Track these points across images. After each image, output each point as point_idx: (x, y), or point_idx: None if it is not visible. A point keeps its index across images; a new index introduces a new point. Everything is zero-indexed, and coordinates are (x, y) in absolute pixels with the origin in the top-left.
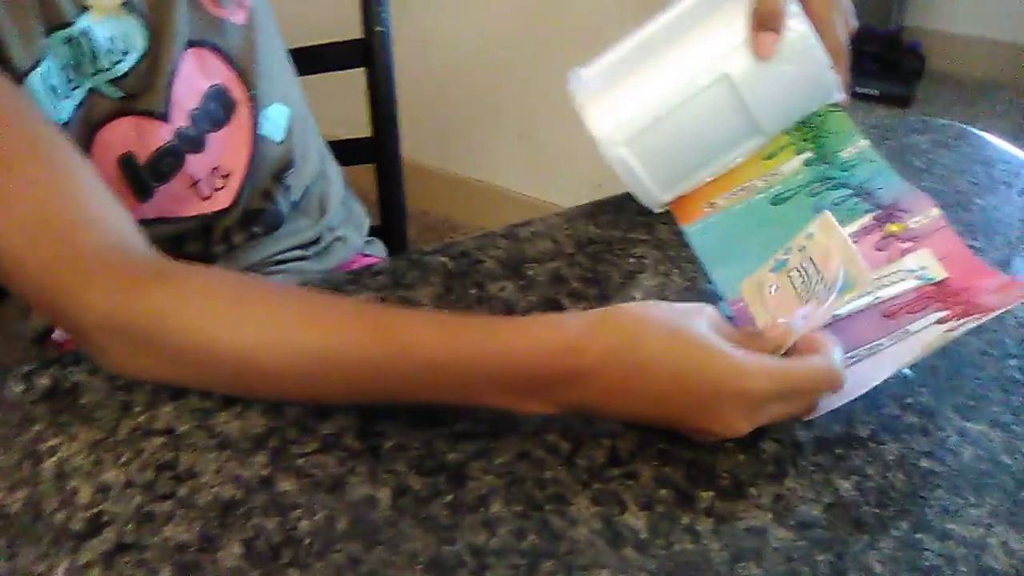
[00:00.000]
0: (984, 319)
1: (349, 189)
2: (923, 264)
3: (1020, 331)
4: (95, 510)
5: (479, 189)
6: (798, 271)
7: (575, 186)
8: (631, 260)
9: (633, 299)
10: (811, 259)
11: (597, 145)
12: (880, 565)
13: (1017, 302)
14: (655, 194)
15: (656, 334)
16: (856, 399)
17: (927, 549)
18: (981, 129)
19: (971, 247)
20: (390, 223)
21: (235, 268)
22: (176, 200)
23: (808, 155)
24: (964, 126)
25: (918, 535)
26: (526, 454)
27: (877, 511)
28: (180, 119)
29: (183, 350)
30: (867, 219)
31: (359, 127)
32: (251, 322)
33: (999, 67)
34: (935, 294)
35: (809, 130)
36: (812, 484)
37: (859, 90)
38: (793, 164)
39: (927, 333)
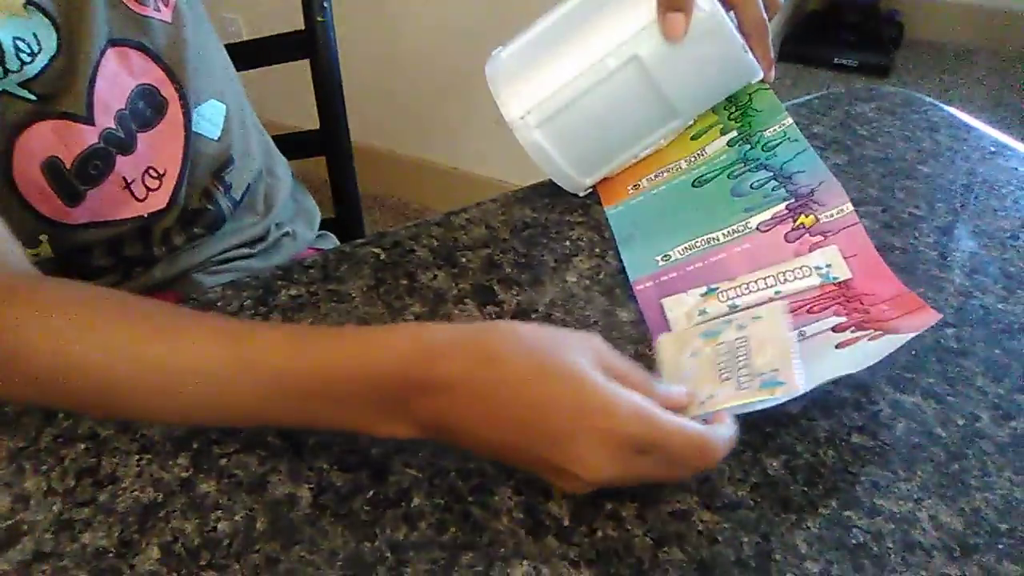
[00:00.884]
0: (882, 351)
1: (299, 183)
2: (829, 261)
3: (958, 299)
4: (13, 520)
5: (458, 177)
6: (728, 347)
7: None
8: (567, 243)
9: (566, 283)
10: (746, 340)
11: (512, 129)
12: (807, 545)
13: (916, 331)
14: (574, 177)
15: (520, 355)
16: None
17: (855, 526)
18: (961, 96)
19: (913, 215)
20: (345, 215)
21: (179, 269)
22: (109, 202)
23: (733, 135)
24: (911, 92)
25: (846, 512)
26: (445, 448)
27: (805, 489)
28: (106, 120)
29: (36, 367)
30: (782, 207)
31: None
32: (101, 335)
33: (977, 33)
34: (837, 295)
35: (736, 109)
36: (740, 464)
37: (837, 61)
38: (718, 144)
39: (819, 341)
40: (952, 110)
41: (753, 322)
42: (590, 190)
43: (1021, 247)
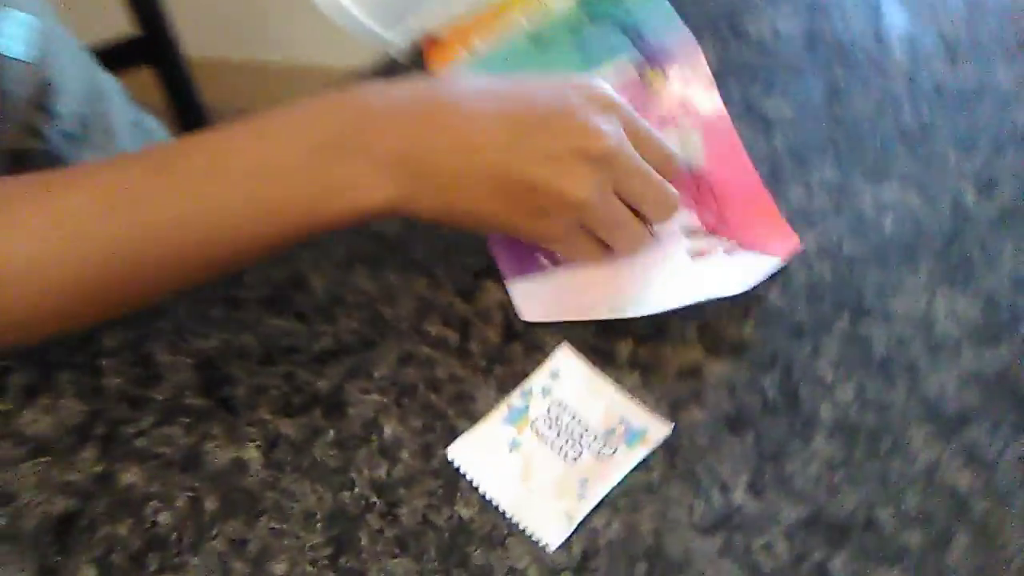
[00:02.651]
0: (743, 279)
1: (135, 104)
2: (685, 141)
3: (904, 77)
4: None
5: (280, 70)
6: (544, 420)
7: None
8: None
9: None
10: (561, 405)
11: None
12: (832, 370)
13: (778, 256)
14: (380, 33)
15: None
16: None
17: (875, 338)
18: None
19: None
20: (190, 128)
21: None
22: None
23: None
24: None
25: (861, 326)
26: (408, 356)
27: (813, 311)
28: None
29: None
30: (630, 66)
31: (118, 27)
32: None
33: None
34: (690, 186)
35: None
36: (733, 303)
37: None
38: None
39: (672, 249)
40: None
41: (554, 380)
42: (416, 53)
43: (951, 8)
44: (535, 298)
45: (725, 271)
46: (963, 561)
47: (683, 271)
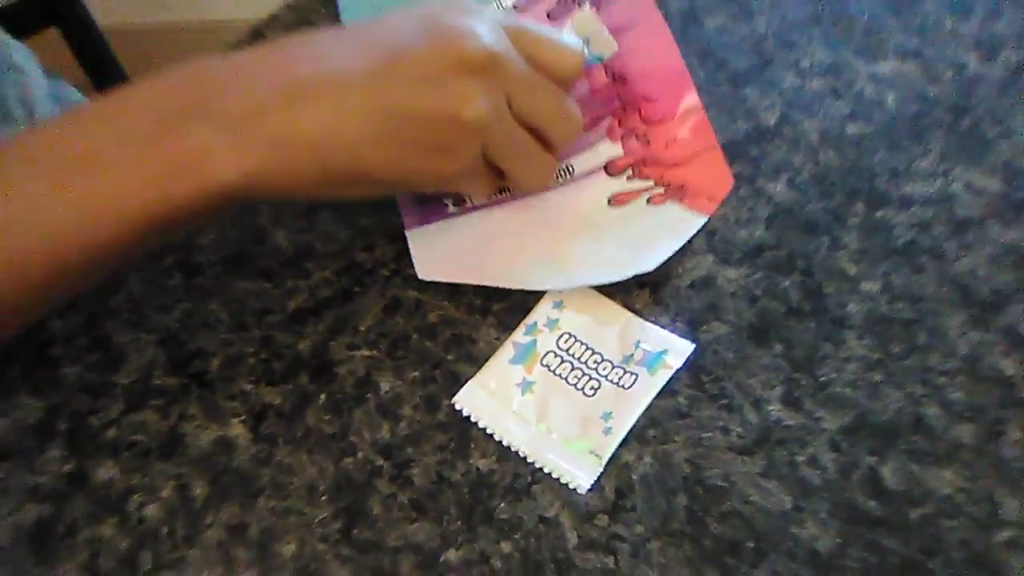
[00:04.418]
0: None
1: (52, 74)
2: (586, 30)
3: None
4: None
5: (194, 28)
6: (557, 356)
7: None
8: None
9: None
10: (571, 335)
11: None
12: (854, 264)
13: (705, 210)
14: None
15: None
16: None
17: (895, 225)
18: None
19: None
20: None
21: None
22: None
23: None
24: None
25: (879, 213)
26: (395, 303)
27: (825, 205)
28: None
29: None
30: None
31: None
32: None
33: None
34: (608, 95)
35: None
36: (740, 201)
37: None
38: None
39: (589, 193)
40: None
41: (559, 312)
42: None
43: None
44: (433, 252)
45: (642, 234)
46: (1021, 451)
47: (594, 232)
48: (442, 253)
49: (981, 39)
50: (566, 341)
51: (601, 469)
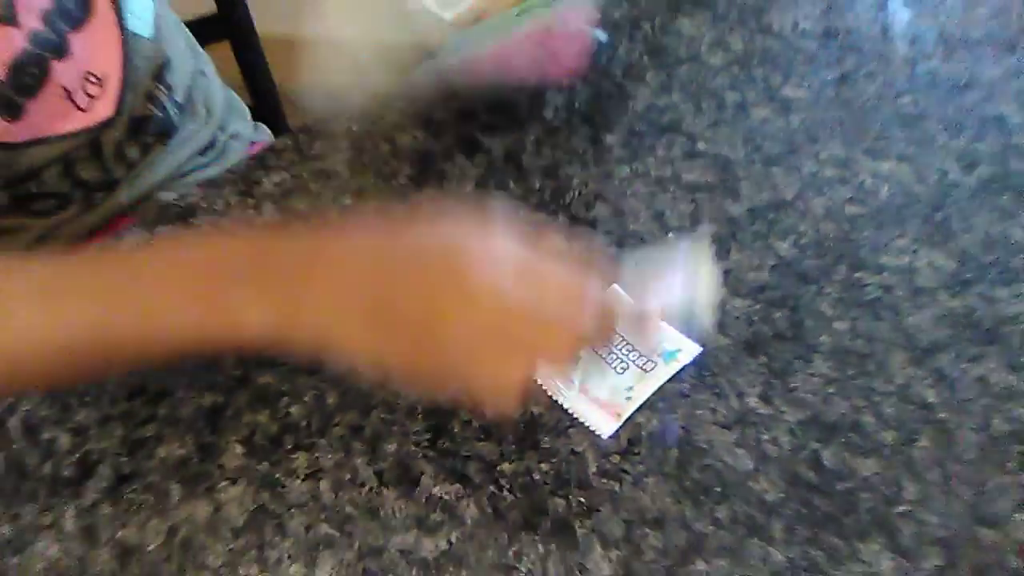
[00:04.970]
0: None
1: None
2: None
3: (906, 68)
4: (80, 453)
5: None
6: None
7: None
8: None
9: (544, 118)
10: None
11: None
12: (831, 309)
13: None
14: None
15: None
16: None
17: (867, 284)
18: None
19: None
20: (262, 103)
21: (140, 191)
22: (52, 116)
23: None
24: None
25: (857, 274)
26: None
27: (817, 262)
28: (31, 20)
29: None
30: None
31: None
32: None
33: None
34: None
35: None
36: (754, 252)
37: None
38: None
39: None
40: None
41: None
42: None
43: (951, 10)
44: None
45: None
46: (925, 455)
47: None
48: None
49: (964, 154)
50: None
51: (619, 424)
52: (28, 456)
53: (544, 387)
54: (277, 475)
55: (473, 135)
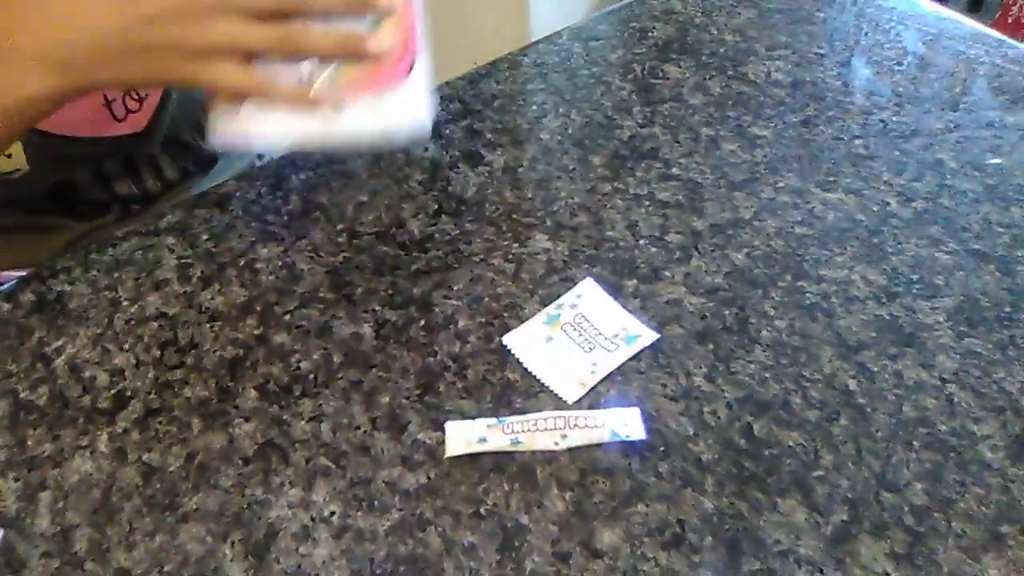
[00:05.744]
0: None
1: None
2: None
3: (861, 117)
4: (116, 389)
5: None
6: (572, 326)
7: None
8: (533, 107)
9: (541, 140)
10: (583, 315)
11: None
12: (773, 310)
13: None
14: None
15: None
16: None
17: (807, 292)
18: None
19: (816, 54)
20: None
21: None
22: (87, 117)
23: None
24: None
25: (799, 283)
26: (478, 278)
27: (766, 271)
28: None
29: None
30: None
31: None
32: None
33: None
34: None
35: None
36: (712, 260)
37: None
38: None
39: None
40: None
41: (579, 300)
42: None
43: (905, 71)
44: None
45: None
46: (844, 432)
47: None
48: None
49: (904, 191)
50: (579, 318)
51: (583, 393)
52: (70, 390)
53: (522, 360)
54: (285, 416)
55: (478, 150)
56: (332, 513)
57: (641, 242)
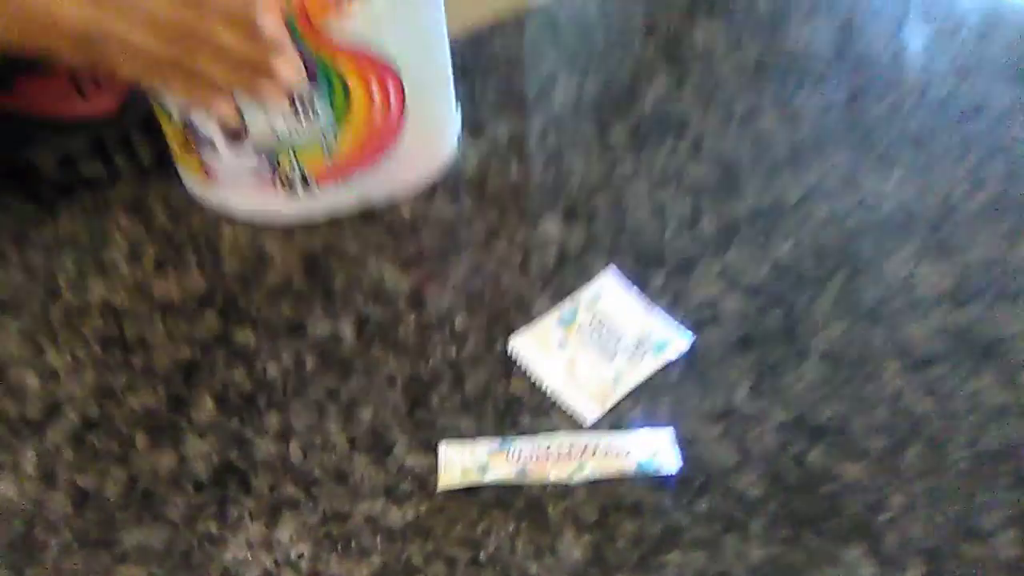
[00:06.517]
0: None
1: None
2: None
3: (917, 95)
4: (47, 396)
5: None
6: (589, 328)
7: None
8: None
9: (552, 109)
10: (601, 318)
11: None
12: (825, 313)
13: None
14: None
15: None
16: None
17: (864, 293)
18: None
19: (866, 16)
20: None
21: None
22: (49, 96)
23: None
24: None
25: (855, 282)
26: (478, 268)
27: (816, 268)
28: None
29: None
30: None
31: None
32: None
33: None
34: None
35: None
36: (753, 252)
37: None
38: None
39: None
40: None
41: (598, 297)
42: None
43: (965, 38)
44: None
45: None
46: (913, 464)
47: None
48: None
49: (970, 178)
50: (598, 320)
51: (603, 412)
52: None
53: (530, 370)
54: (247, 433)
55: (479, 119)
56: (300, 555)
57: (669, 229)
